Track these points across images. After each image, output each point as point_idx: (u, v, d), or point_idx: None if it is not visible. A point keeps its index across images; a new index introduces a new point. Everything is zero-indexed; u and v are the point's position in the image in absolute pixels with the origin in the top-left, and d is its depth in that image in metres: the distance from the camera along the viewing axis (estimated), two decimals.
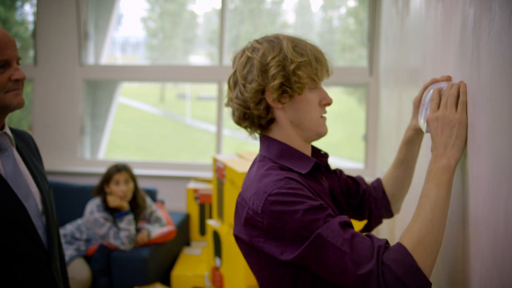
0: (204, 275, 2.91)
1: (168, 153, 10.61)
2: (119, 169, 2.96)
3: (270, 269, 1.16)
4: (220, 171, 2.63)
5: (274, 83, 1.17)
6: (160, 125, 12.54)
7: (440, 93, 1.08)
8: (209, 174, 3.60)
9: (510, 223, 0.71)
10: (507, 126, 0.73)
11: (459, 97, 1.02)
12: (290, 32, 7.04)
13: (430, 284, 0.98)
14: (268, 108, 1.21)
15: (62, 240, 3.05)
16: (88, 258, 2.90)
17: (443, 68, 1.22)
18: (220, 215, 2.65)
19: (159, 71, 4.06)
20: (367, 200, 1.44)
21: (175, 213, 3.41)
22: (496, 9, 0.80)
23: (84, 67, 3.85)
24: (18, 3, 4.44)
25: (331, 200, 1.28)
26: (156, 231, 3.00)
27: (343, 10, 5.57)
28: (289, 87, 1.18)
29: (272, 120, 1.23)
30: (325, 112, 1.26)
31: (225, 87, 1.78)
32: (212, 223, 2.73)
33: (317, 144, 1.35)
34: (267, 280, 1.19)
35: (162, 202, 3.48)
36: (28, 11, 4.42)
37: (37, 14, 3.84)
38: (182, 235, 3.31)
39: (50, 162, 3.83)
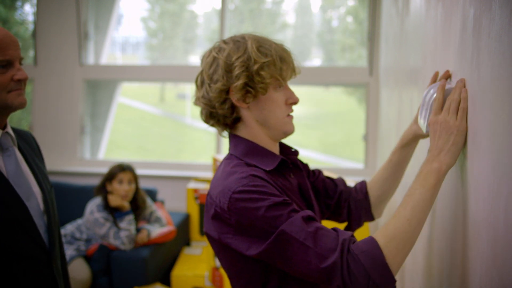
0: (204, 275, 2.91)
1: (168, 153, 10.61)
2: (124, 168, 2.97)
3: (239, 265, 1.18)
4: None
5: (237, 83, 1.20)
6: (160, 125, 12.54)
7: (443, 92, 1.08)
8: (209, 174, 3.60)
9: (510, 223, 0.71)
10: (507, 126, 0.73)
11: (461, 103, 1.02)
12: (290, 32, 7.01)
13: (395, 281, 1.00)
14: (233, 108, 1.24)
15: (62, 240, 3.05)
16: (88, 258, 2.90)
17: (443, 68, 1.22)
18: None
19: (159, 71, 4.06)
20: (345, 201, 1.44)
21: (175, 213, 3.41)
22: (496, 9, 0.80)
23: (84, 67, 3.85)
24: (18, 3, 4.44)
25: (300, 197, 1.29)
26: (156, 231, 3.00)
27: (343, 10, 5.57)
28: (252, 87, 1.21)
29: (238, 119, 1.25)
30: (292, 111, 1.28)
31: None
32: None
33: (317, 144, 1.36)
34: (238, 277, 1.21)
35: (162, 202, 3.48)
36: (28, 11, 4.42)
37: (37, 14, 3.84)
38: (182, 235, 3.31)
39: (50, 162, 3.83)
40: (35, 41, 3.85)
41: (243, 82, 1.20)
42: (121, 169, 2.96)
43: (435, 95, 1.09)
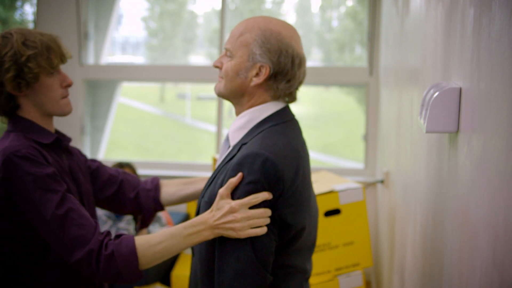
0: None
1: (168, 153, 10.61)
2: (123, 165, 2.98)
3: (14, 232, 1.34)
4: None
5: (8, 76, 1.33)
6: (160, 125, 12.54)
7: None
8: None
9: (510, 223, 0.71)
10: (507, 126, 0.73)
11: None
12: None
13: (142, 277, 1.26)
14: (10, 97, 1.38)
15: None
16: None
17: (443, 68, 1.22)
18: None
19: (159, 71, 4.06)
20: (132, 191, 1.61)
21: (175, 213, 3.41)
22: (496, 9, 0.80)
23: (84, 67, 3.85)
24: (18, 3, 4.44)
25: (71, 178, 1.45)
26: (155, 231, 3.00)
27: (342, 10, 5.57)
28: (23, 77, 1.35)
29: (17, 106, 1.40)
30: (67, 93, 1.45)
31: None
32: None
33: (317, 144, 1.42)
34: (15, 244, 1.36)
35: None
36: (28, 11, 4.42)
37: (37, 14, 3.84)
38: None
39: None
40: None
41: (12, 75, 1.33)
42: (120, 167, 2.97)
43: (435, 94, 1.09)
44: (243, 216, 1.16)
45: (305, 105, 10.06)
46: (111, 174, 1.62)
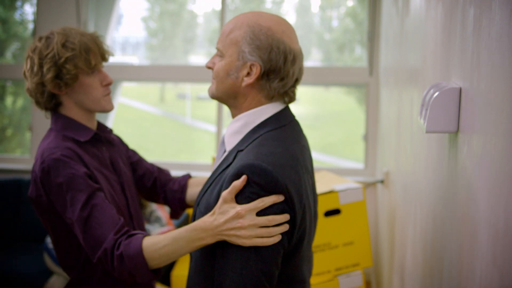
0: None
1: (168, 153, 10.61)
2: None
3: (63, 226, 1.39)
4: None
5: (48, 76, 1.39)
6: (160, 125, 12.53)
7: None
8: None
9: (510, 223, 0.71)
10: (507, 126, 0.73)
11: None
12: None
13: (154, 277, 1.27)
14: (52, 96, 1.45)
15: None
16: None
17: (443, 68, 1.22)
18: None
19: (159, 71, 4.06)
20: (161, 188, 1.67)
21: None
22: (496, 9, 0.80)
23: None
24: (18, 3, 4.44)
25: (112, 168, 1.51)
26: (155, 230, 3.00)
27: (342, 10, 5.57)
28: (61, 78, 1.40)
29: (59, 104, 1.47)
30: (109, 91, 1.49)
31: None
32: None
33: (317, 144, 1.40)
34: (53, 234, 1.43)
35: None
36: (28, 11, 4.42)
37: (37, 14, 3.84)
38: None
39: None
40: None
41: (52, 75, 1.39)
42: None
43: (435, 94, 1.09)
44: (250, 224, 1.08)
45: (305, 105, 10.06)
46: (148, 169, 1.67)
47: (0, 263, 3.13)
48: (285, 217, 1.10)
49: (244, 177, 1.09)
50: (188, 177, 1.68)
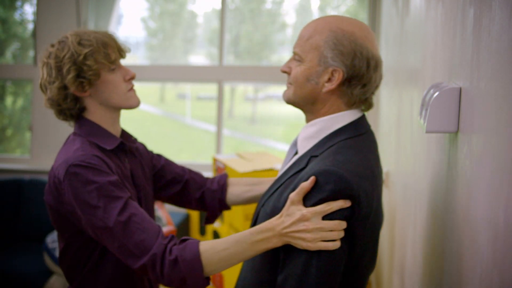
0: None
1: (168, 153, 10.57)
2: None
3: (76, 232, 1.34)
4: (220, 171, 2.63)
5: (69, 77, 1.32)
6: (160, 125, 12.54)
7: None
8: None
9: (510, 223, 0.71)
10: (507, 126, 0.73)
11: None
12: (289, 32, 6.98)
13: (208, 283, 1.20)
14: (76, 100, 1.37)
15: None
16: None
17: (443, 68, 1.22)
18: (221, 216, 2.65)
19: (159, 71, 4.06)
20: (196, 189, 1.59)
21: (175, 213, 3.41)
22: (496, 9, 0.80)
23: None
24: (18, 3, 4.43)
25: (132, 182, 1.44)
26: None
27: (342, 10, 5.57)
28: (84, 76, 1.33)
29: (83, 109, 1.40)
30: (132, 85, 1.43)
31: (226, 87, 1.81)
32: None
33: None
34: (69, 244, 1.37)
35: (162, 202, 3.48)
36: (28, 11, 4.42)
37: (37, 14, 3.84)
38: (182, 235, 3.30)
39: (50, 162, 3.82)
40: (35, 41, 3.84)
41: (74, 75, 1.32)
42: None
43: (435, 94, 1.09)
44: (316, 227, 1.05)
45: None
46: (177, 173, 1.60)
47: (0, 263, 3.13)
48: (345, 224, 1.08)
49: (312, 179, 1.06)
50: (226, 176, 1.62)
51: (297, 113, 1.37)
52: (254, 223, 1.24)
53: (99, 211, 1.23)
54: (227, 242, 1.16)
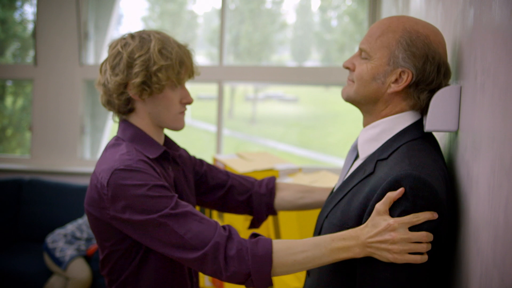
0: (204, 275, 2.91)
1: None
2: None
3: (119, 240, 1.28)
4: None
5: (135, 80, 1.27)
6: None
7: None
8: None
9: (510, 223, 0.71)
10: (507, 126, 0.73)
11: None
12: (289, 32, 6.98)
13: (271, 284, 1.14)
14: (129, 100, 1.32)
15: (63, 240, 3.05)
16: (88, 258, 2.89)
17: None
18: (220, 215, 2.65)
19: None
20: (243, 193, 1.54)
21: None
22: (496, 9, 0.80)
23: (84, 67, 3.85)
24: (18, 3, 4.44)
25: (175, 190, 1.38)
26: None
27: (342, 10, 5.57)
28: (149, 86, 1.28)
29: (132, 109, 1.34)
30: (185, 109, 1.38)
31: (226, 87, 1.80)
32: None
33: (317, 144, 1.37)
34: (112, 250, 1.30)
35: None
36: (28, 11, 4.42)
37: (37, 14, 3.84)
38: None
39: (50, 162, 3.83)
40: (35, 41, 3.84)
41: (140, 81, 1.27)
42: None
43: (436, 93, 1.09)
44: (403, 238, 0.98)
45: (305, 105, 10.05)
46: (220, 178, 1.55)
47: (0, 263, 3.13)
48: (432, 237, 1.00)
49: (401, 190, 0.98)
50: (274, 179, 1.56)
51: (297, 113, 1.36)
52: (317, 235, 1.17)
53: (152, 210, 1.18)
54: (306, 245, 1.09)
